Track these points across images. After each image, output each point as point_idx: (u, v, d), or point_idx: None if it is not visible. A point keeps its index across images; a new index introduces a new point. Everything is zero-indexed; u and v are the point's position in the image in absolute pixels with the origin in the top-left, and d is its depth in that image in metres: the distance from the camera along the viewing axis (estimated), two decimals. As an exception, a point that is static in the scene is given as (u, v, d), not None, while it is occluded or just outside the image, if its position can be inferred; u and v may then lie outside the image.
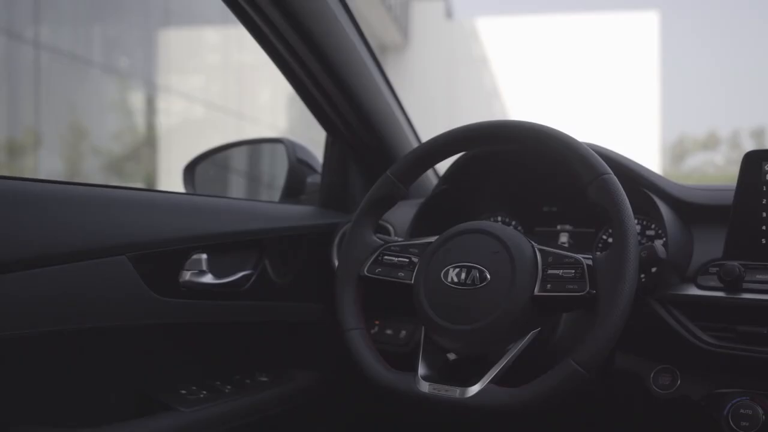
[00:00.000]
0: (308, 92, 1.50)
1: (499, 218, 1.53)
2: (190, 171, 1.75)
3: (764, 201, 1.15)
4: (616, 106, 19.32)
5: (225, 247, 1.36)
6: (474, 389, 1.01)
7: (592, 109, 19.23)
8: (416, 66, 20.03)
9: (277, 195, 1.73)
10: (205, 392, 1.31)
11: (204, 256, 1.29)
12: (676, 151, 29.48)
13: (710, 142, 29.37)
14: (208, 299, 1.32)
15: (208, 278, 1.30)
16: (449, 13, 21.79)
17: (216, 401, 1.30)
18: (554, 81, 19.88)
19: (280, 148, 1.73)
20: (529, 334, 1.06)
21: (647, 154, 18.66)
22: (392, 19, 18.31)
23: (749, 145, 27.55)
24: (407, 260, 1.16)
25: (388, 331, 1.50)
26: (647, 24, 20.24)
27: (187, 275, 1.27)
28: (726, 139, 28.60)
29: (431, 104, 18.28)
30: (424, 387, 1.05)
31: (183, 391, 1.30)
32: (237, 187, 2.09)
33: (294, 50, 1.38)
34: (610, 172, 1.05)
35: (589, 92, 19.49)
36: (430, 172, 1.73)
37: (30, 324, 1.06)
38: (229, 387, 1.36)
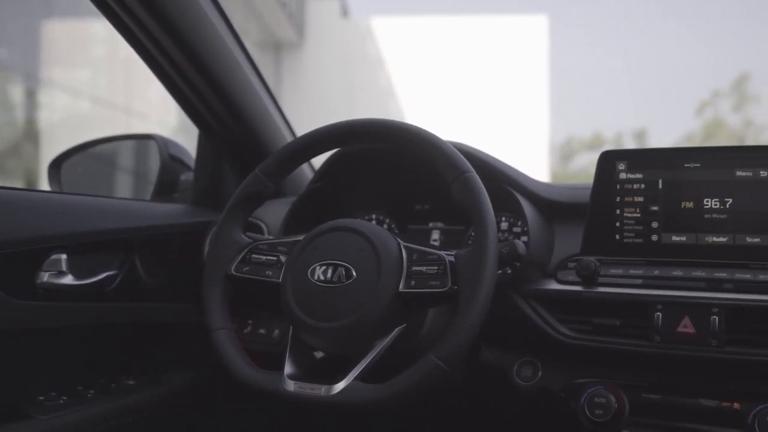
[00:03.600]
0: (177, 87, 1.46)
1: (374, 216, 1.54)
2: (56, 168, 1.66)
3: (618, 199, 1.20)
4: (507, 107, 19.76)
5: (90, 247, 1.31)
6: (338, 387, 1.01)
7: (484, 109, 19.60)
8: (312, 64, 19.87)
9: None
10: (65, 398, 1.26)
11: (63, 256, 1.24)
12: (564, 151, 30.40)
13: (596, 143, 30.43)
14: (69, 301, 1.26)
15: (68, 279, 1.24)
16: (345, 12, 21.74)
17: (76, 407, 1.25)
18: (448, 81, 20.15)
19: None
20: (395, 331, 1.06)
21: (537, 154, 19.20)
22: (287, 16, 18.10)
23: (632, 146, 28.79)
24: (275, 259, 1.15)
25: (261, 331, 1.48)
26: (537, 27, 20.79)
27: (44, 276, 1.21)
28: (610, 140, 29.67)
29: (328, 103, 18.18)
30: (290, 386, 1.05)
31: (41, 398, 1.24)
32: (113, 184, 2.02)
33: (159, 44, 1.34)
34: (472, 170, 1.06)
35: (482, 93, 19.84)
36: (307, 169, 1.72)
37: None
38: (92, 392, 1.31)
